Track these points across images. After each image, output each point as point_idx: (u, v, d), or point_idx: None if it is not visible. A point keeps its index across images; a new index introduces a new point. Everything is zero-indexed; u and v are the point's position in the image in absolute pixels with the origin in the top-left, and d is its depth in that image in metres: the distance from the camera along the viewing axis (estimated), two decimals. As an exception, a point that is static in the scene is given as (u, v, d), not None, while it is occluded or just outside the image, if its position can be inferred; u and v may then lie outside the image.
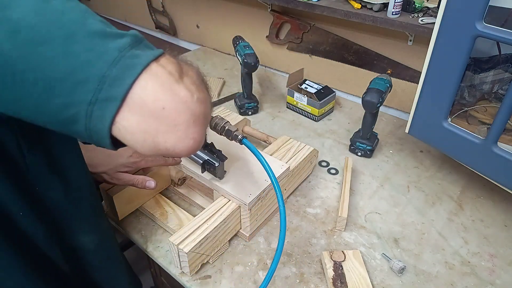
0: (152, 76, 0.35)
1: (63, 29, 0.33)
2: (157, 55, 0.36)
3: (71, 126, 0.35)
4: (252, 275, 0.72)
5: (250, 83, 1.17)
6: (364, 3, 1.05)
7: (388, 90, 0.94)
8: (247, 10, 1.44)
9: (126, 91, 0.34)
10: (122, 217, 0.82)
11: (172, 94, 0.36)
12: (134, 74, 0.34)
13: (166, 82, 0.36)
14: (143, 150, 0.38)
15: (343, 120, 1.20)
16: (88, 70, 0.33)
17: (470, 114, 0.91)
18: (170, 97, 0.36)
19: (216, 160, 0.74)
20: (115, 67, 0.33)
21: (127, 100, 0.34)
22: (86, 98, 0.33)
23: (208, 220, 0.71)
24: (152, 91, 0.35)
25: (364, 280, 0.69)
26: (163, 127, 0.36)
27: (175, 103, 0.36)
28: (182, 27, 1.75)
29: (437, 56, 0.76)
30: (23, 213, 0.47)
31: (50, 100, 0.34)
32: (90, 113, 0.34)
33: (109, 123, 0.34)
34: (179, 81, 0.37)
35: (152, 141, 0.37)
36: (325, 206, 0.87)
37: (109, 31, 0.35)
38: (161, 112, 0.35)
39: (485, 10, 0.66)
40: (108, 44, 0.34)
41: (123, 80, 0.34)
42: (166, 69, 0.36)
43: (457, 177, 0.96)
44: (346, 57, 1.27)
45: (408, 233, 0.81)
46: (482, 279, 0.72)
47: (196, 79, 0.40)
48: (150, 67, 0.35)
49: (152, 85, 0.35)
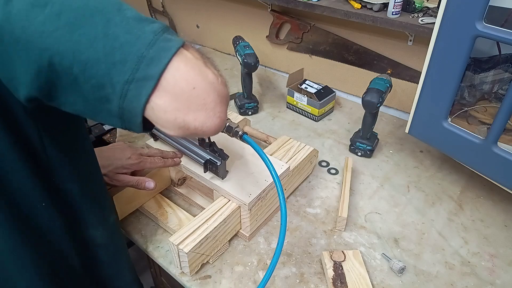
0: (184, 58, 0.37)
1: (103, 13, 0.35)
2: (183, 42, 0.38)
3: (103, 105, 0.37)
4: (252, 275, 0.72)
5: (250, 83, 1.17)
6: (364, 3, 1.05)
7: (388, 90, 0.94)
8: (247, 10, 1.44)
9: (162, 70, 0.35)
10: (122, 217, 0.82)
11: (201, 76, 0.38)
12: (169, 56, 0.36)
13: (196, 65, 0.38)
14: (174, 129, 0.39)
15: (343, 120, 1.20)
16: (127, 51, 0.35)
17: (470, 114, 0.91)
18: (200, 78, 0.38)
19: (218, 159, 0.74)
20: (152, 48, 0.35)
21: (162, 79, 0.36)
22: (123, 77, 0.35)
23: (208, 220, 0.71)
24: (184, 72, 0.37)
25: (364, 280, 0.69)
26: (193, 105, 0.38)
27: (204, 84, 0.38)
28: (182, 27, 1.75)
29: (437, 56, 0.76)
30: (46, 204, 0.49)
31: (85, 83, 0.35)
32: (126, 92, 0.35)
33: (144, 101, 0.36)
34: (206, 66, 0.39)
35: (183, 119, 0.38)
36: (325, 206, 0.87)
37: (143, 17, 0.37)
38: (192, 91, 0.37)
39: (485, 10, 0.66)
40: (144, 27, 0.36)
41: (159, 60, 0.35)
42: (194, 55, 0.39)
43: (457, 177, 0.96)
44: (346, 57, 1.27)
45: (408, 233, 0.81)
46: (482, 279, 0.72)
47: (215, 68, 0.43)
48: (181, 50, 0.37)
49: (184, 67, 0.37)
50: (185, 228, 0.69)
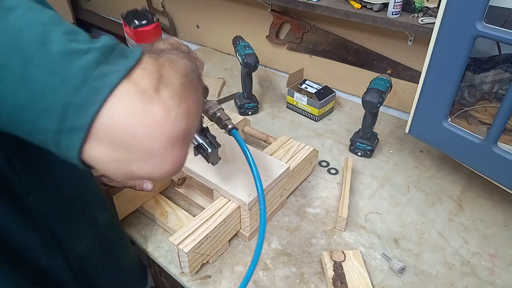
0: (121, 99, 0.31)
1: (21, 51, 0.30)
2: (131, 66, 0.32)
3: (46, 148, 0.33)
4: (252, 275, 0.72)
5: (250, 83, 1.17)
6: (364, 3, 1.05)
7: (388, 90, 0.94)
8: (247, 10, 1.44)
9: (91, 119, 0.30)
10: (122, 217, 0.82)
11: (144, 119, 0.31)
12: (101, 100, 0.30)
13: (137, 104, 0.31)
14: (117, 177, 0.35)
15: (343, 120, 1.20)
16: (51, 98, 0.30)
17: (470, 114, 0.91)
18: (141, 122, 0.31)
19: (210, 146, 0.72)
20: (80, 92, 0.30)
21: (93, 129, 0.30)
22: (51, 127, 0.31)
23: (208, 220, 0.71)
24: (120, 118, 0.30)
25: (364, 280, 0.69)
26: (135, 156, 0.32)
27: (147, 129, 0.31)
28: (182, 27, 1.75)
29: (437, 56, 0.76)
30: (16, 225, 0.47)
31: (18, 127, 0.32)
32: (57, 142, 0.31)
33: (76, 153, 0.31)
34: (154, 99, 0.32)
35: (125, 170, 0.33)
36: (325, 206, 0.87)
37: (73, 48, 0.31)
38: (132, 140, 0.31)
39: (485, 10, 0.65)
40: (72, 64, 0.30)
41: (87, 107, 0.30)
42: (139, 87, 0.32)
43: (457, 177, 0.96)
44: (346, 57, 1.27)
45: (408, 233, 0.81)
46: (482, 279, 0.72)
47: (178, 87, 0.34)
48: (119, 87, 0.31)
49: (120, 111, 0.31)
50: (185, 228, 0.69)
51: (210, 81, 1.38)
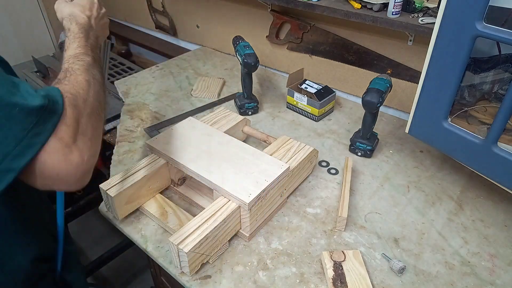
0: (50, 153, 0.44)
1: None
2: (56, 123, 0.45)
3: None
4: (252, 275, 0.72)
5: (250, 83, 1.17)
6: (364, 3, 1.05)
7: (388, 90, 0.95)
8: (247, 10, 1.44)
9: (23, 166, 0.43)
10: (122, 217, 0.82)
11: (66, 165, 0.45)
12: (33, 153, 0.43)
13: (61, 156, 0.45)
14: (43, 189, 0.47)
15: (343, 120, 1.20)
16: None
17: (470, 114, 0.91)
18: (64, 168, 0.45)
19: None
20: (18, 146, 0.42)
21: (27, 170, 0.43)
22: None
23: (208, 220, 0.71)
24: (49, 165, 0.44)
25: (364, 280, 0.69)
26: (58, 184, 0.47)
27: (68, 171, 0.46)
28: (182, 27, 1.75)
29: (437, 56, 0.76)
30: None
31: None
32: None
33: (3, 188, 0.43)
34: (72, 150, 0.46)
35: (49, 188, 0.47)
36: (325, 206, 0.87)
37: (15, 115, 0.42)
38: (57, 177, 0.45)
39: (485, 10, 0.66)
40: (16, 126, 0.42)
41: (22, 158, 0.43)
42: (63, 141, 0.45)
43: (457, 177, 0.96)
44: (346, 57, 1.27)
45: (408, 233, 0.81)
46: (482, 279, 0.72)
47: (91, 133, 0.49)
48: (47, 145, 0.44)
49: (49, 161, 0.44)
50: (185, 228, 0.69)
51: (210, 81, 1.38)
